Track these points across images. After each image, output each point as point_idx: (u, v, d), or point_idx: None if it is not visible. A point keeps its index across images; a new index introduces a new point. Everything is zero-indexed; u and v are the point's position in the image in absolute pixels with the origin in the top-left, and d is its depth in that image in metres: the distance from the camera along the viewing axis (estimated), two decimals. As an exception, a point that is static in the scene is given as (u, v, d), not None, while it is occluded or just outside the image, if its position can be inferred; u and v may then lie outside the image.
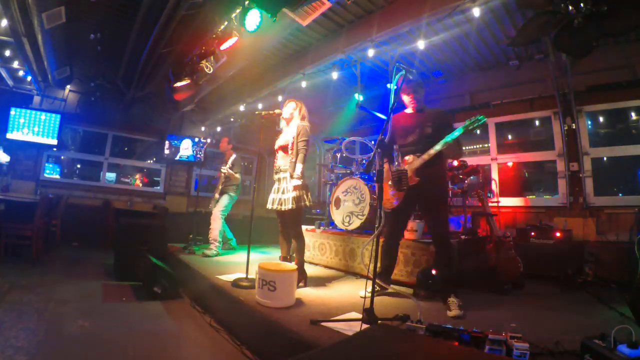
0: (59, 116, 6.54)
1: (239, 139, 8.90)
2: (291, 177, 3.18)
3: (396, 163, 2.93)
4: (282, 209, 3.16)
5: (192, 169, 8.33)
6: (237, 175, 4.94)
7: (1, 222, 4.29)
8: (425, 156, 2.64)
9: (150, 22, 4.32)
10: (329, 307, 2.61)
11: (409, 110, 2.96)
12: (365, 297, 2.29)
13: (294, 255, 3.36)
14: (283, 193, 3.20)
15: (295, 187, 3.14)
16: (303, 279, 3.26)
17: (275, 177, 3.35)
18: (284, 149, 3.31)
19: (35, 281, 3.66)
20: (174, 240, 5.16)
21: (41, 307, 2.92)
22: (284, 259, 3.36)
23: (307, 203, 3.21)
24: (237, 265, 3.87)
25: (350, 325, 2.12)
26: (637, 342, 1.56)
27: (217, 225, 4.81)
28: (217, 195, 5.05)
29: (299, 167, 3.18)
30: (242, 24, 3.60)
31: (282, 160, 3.33)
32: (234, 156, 5.02)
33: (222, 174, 4.95)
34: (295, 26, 4.20)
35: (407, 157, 2.77)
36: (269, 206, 3.30)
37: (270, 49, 5.15)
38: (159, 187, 8.17)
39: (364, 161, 4.85)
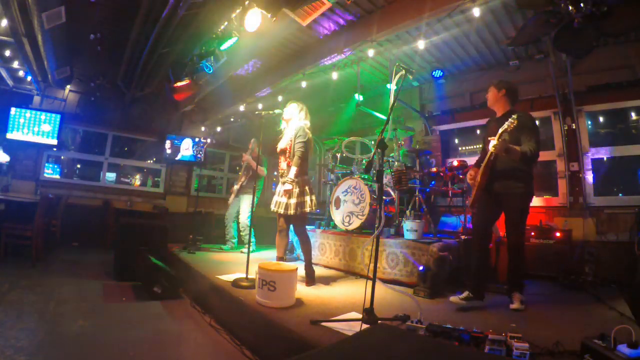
0: (59, 116, 6.53)
1: (239, 139, 8.91)
2: (285, 180, 3.22)
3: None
4: (289, 214, 3.21)
5: (192, 169, 8.33)
6: (256, 164, 4.85)
7: (1, 222, 4.29)
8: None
9: (150, 22, 4.32)
10: (329, 307, 2.61)
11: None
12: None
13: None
14: (288, 197, 3.23)
15: (286, 191, 3.17)
16: (311, 278, 3.35)
17: (281, 180, 3.37)
18: (283, 152, 3.35)
19: (35, 281, 3.65)
20: (174, 240, 5.16)
21: (41, 307, 2.92)
22: (280, 259, 3.37)
23: (311, 208, 3.24)
24: (237, 265, 3.87)
25: (350, 325, 2.12)
26: (637, 342, 1.56)
27: (246, 230, 4.95)
28: (235, 188, 5.12)
29: (293, 170, 3.19)
30: (242, 24, 3.61)
31: (284, 164, 3.36)
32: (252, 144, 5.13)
33: (243, 165, 5.03)
34: (295, 26, 4.20)
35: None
36: (273, 208, 3.35)
37: (270, 49, 5.15)
38: (158, 187, 8.17)
39: (363, 161, 4.85)
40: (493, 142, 2.59)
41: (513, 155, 2.61)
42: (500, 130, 2.54)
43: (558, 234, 4.06)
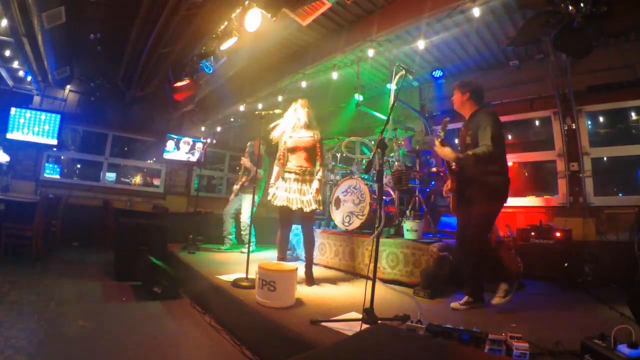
0: (59, 116, 6.53)
1: (239, 139, 8.91)
2: (313, 179, 3.33)
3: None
4: (308, 210, 3.25)
5: (192, 169, 8.33)
6: (255, 169, 4.79)
7: (1, 222, 4.29)
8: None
9: (150, 22, 4.32)
10: (329, 307, 2.61)
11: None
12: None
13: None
14: (311, 194, 3.28)
15: (318, 190, 3.29)
16: (312, 278, 3.39)
17: (299, 177, 3.33)
18: (309, 150, 3.36)
19: (35, 281, 3.65)
20: (174, 240, 5.16)
21: (41, 307, 2.92)
22: (281, 259, 3.36)
23: (320, 207, 3.38)
24: (237, 265, 3.87)
25: (350, 325, 2.12)
26: (637, 342, 1.56)
27: (247, 230, 4.94)
28: (235, 188, 5.11)
29: (321, 170, 3.36)
30: (242, 24, 3.61)
31: (305, 162, 3.36)
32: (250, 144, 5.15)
33: (243, 167, 5.05)
34: (295, 26, 4.20)
35: None
36: (282, 204, 3.25)
37: (270, 49, 5.15)
38: (158, 187, 8.17)
39: (363, 161, 4.85)
40: (438, 150, 2.68)
41: (467, 162, 2.61)
42: (437, 142, 2.62)
43: (558, 234, 4.06)
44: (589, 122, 4.76)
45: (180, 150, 7.86)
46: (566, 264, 3.69)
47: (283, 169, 3.40)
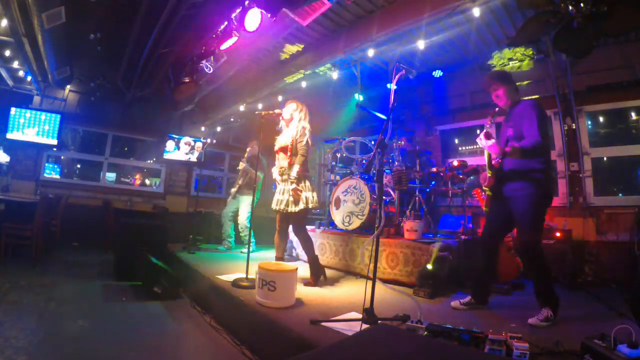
0: (59, 116, 6.53)
1: (239, 139, 8.91)
2: (289, 179, 3.22)
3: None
4: (288, 211, 3.20)
5: (192, 169, 8.33)
6: (254, 172, 4.84)
7: (1, 222, 4.29)
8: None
9: (150, 22, 4.32)
10: (329, 307, 2.61)
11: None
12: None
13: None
14: (290, 195, 3.22)
15: (295, 190, 3.17)
16: (321, 273, 3.39)
17: (280, 178, 3.36)
18: (284, 150, 3.32)
19: (35, 281, 3.65)
20: (174, 240, 5.16)
21: (41, 307, 2.92)
22: (279, 259, 3.37)
23: (311, 205, 3.23)
24: (237, 265, 3.87)
25: (350, 325, 2.13)
26: (637, 342, 1.56)
27: (245, 231, 5.03)
28: (233, 190, 5.15)
29: (295, 168, 3.21)
30: (242, 24, 3.61)
31: (283, 162, 3.34)
32: (249, 149, 5.16)
33: (241, 171, 5.09)
34: (295, 26, 4.20)
35: None
36: (273, 207, 3.34)
37: (270, 49, 5.14)
38: (158, 187, 8.17)
39: (363, 161, 4.85)
40: (481, 142, 2.57)
41: (514, 156, 2.50)
42: (482, 134, 2.54)
43: (558, 234, 4.06)
44: (589, 122, 4.76)
45: (180, 150, 7.86)
46: (569, 271, 3.68)
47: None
